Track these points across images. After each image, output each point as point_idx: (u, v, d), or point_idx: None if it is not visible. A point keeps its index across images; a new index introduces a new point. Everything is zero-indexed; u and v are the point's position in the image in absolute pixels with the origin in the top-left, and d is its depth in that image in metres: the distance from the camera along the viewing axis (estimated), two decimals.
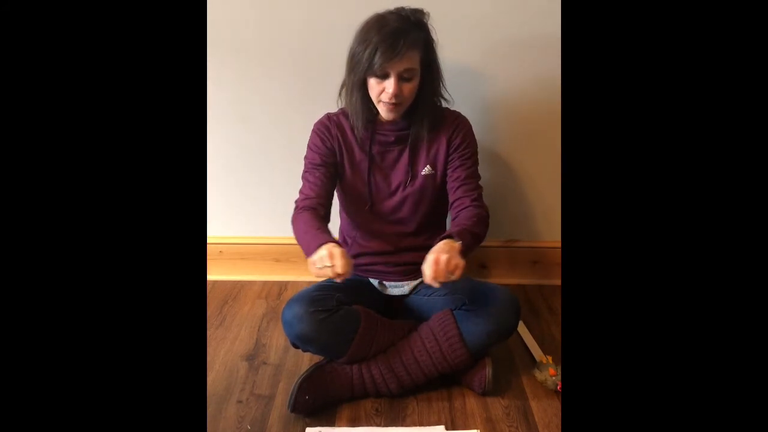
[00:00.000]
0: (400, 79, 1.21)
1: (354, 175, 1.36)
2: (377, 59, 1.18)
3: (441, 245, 1.14)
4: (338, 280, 1.10)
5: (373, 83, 1.23)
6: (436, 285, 1.11)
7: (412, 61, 1.21)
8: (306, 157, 1.36)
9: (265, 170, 1.70)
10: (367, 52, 1.19)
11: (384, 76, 1.21)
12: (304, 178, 1.34)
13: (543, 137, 1.63)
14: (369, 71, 1.21)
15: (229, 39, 1.56)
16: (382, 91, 1.23)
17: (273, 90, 1.62)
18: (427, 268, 1.10)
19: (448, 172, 1.33)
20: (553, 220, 1.73)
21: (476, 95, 1.60)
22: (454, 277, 1.10)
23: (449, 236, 1.17)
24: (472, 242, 1.21)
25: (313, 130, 1.37)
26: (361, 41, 1.22)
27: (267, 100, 1.63)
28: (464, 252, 1.15)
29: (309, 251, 1.15)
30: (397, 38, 1.18)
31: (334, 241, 1.14)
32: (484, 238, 1.28)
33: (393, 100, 1.23)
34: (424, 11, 1.25)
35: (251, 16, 1.55)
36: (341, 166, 1.35)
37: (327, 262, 1.08)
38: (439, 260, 1.09)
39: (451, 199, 1.33)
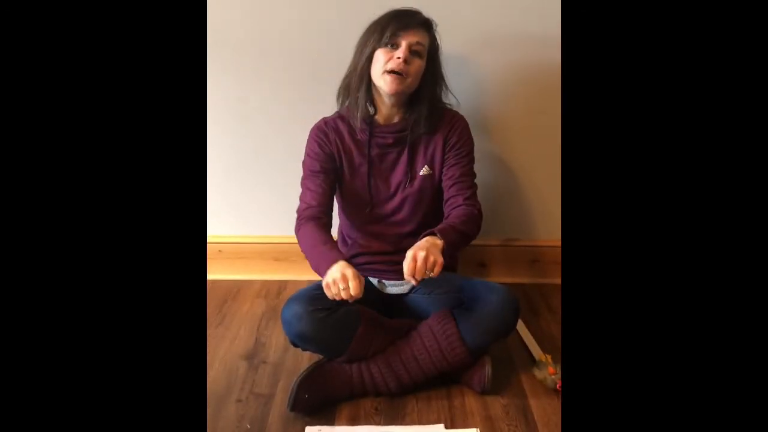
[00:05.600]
0: (410, 52, 1.24)
1: (354, 179, 1.36)
2: (390, 28, 1.23)
3: (422, 242, 1.15)
4: (351, 301, 1.11)
5: (380, 55, 1.25)
6: (413, 282, 1.12)
7: (422, 38, 1.25)
8: (304, 164, 1.36)
9: (264, 169, 1.70)
10: (380, 26, 1.24)
11: (395, 46, 1.24)
12: (304, 185, 1.34)
13: (543, 136, 1.63)
14: (380, 42, 1.24)
15: (228, 39, 1.56)
16: (390, 60, 1.24)
17: (272, 90, 1.62)
18: (406, 265, 1.11)
19: (444, 170, 1.34)
20: (553, 218, 1.73)
21: (475, 94, 1.60)
22: (432, 275, 1.11)
23: (433, 233, 1.17)
24: (457, 240, 1.21)
25: (310, 137, 1.36)
26: (371, 25, 1.27)
27: (266, 99, 1.63)
28: (448, 250, 1.15)
29: (320, 269, 1.16)
30: (409, 13, 1.25)
31: (343, 256, 1.15)
32: (474, 236, 1.29)
33: (401, 68, 1.23)
34: (431, 19, 1.30)
35: (250, 16, 1.55)
36: (340, 170, 1.35)
37: (341, 285, 1.09)
38: (416, 257, 1.10)
39: (445, 197, 1.34)
